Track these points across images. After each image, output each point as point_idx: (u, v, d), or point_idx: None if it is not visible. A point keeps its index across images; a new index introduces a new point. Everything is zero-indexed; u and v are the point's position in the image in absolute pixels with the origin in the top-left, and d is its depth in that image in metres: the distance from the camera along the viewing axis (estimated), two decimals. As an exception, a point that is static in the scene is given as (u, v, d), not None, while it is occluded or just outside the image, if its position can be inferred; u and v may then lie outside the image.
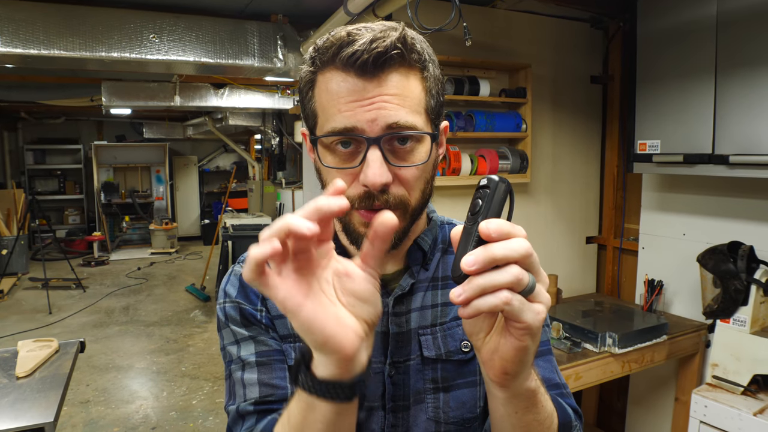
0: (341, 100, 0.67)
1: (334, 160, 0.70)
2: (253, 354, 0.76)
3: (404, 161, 0.69)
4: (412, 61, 0.69)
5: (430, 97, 0.72)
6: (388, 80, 0.67)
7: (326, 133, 0.69)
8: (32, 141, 9.51)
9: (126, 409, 3.70)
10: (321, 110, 0.70)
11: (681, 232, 2.52)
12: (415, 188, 0.71)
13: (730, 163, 1.98)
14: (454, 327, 0.79)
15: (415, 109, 0.69)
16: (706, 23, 2.05)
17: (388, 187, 0.68)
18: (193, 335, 5.13)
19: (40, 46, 2.56)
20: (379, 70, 0.66)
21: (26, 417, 1.55)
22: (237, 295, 0.80)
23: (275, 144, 7.79)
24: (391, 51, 0.65)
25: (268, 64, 3.00)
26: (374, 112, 0.66)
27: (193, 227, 10.51)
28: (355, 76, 0.66)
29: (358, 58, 0.65)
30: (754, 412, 1.85)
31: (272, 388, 0.74)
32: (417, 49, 0.69)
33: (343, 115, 0.67)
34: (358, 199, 0.69)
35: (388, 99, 0.67)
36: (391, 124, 0.66)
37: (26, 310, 5.85)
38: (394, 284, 0.80)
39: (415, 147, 0.70)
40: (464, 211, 0.55)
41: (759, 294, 2.01)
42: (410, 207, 0.72)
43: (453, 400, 0.77)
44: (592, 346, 2.08)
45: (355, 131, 0.67)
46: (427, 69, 0.71)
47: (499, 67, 2.52)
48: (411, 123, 0.68)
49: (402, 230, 0.73)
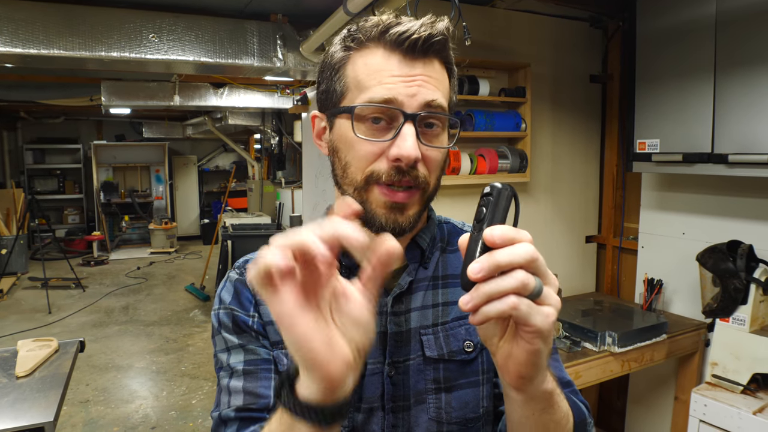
0: (383, 73, 0.69)
1: (365, 133, 0.70)
2: (242, 362, 0.76)
3: (431, 143, 0.71)
4: (448, 57, 0.74)
5: (453, 94, 0.76)
6: (430, 64, 0.71)
7: (364, 103, 0.69)
8: (32, 140, 9.50)
9: (126, 408, 3.70)
10: (355, 85, 0.71)
11: (680, 231, 2.52)
12: (435, 172, 0.73)
13: (729, 162, 1.98)
14: (456, 327, 0.79)
15: (446, 96, 0.73)
16: (705, 22, 2.05)
17: (417, 164, 0.69)
18: (192, 335, 5.13)
19: (39, 46, 2.55)
20: (424, 53, 0.69)
21: (26, 416, 1.55)
22: (231, 302, 0.80)
23: (275, 143, 7.79)
24: (438, 36, 0.69)
25: (268, 64, 3.00)
26: (415, 88, 0.68)
27: (193, 227, 10.50)
28: (401, 54, 0.69)
29: (408, 37, 0.68)
30: (753, 410, 1.86)
31: (255, 396, 0.74)
32: (450, 47, 0.74)
33: (385, 87, 0.68)
34: (386, 174, 0.69)
35: (428, 80, 0.70)
36: (429, 101, 0.69)
37: (26, 310, 5.85)
38: (392, 283, 0.79)
39: (440, 133, 0.73)
40: (463, 211, 0.56)
41: (758, 293, 2.01)
42: (429, 189, 0.73)
43: (455, 400, 0.77)
44: (592, 345, 2.08)
45: (394, 103, 0.68)
46: (452, 70, 0.76)
47: (498, 66, 2.52)
48: (444, 106, 0.71)
49: (418, 213, 0.74)
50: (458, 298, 0.78)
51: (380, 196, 0.71)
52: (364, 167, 0.71)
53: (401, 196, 0.70)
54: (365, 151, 0.70)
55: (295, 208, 7.01)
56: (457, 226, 0.89)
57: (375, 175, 0.70)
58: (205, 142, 10.71)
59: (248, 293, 0.80)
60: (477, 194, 2.21)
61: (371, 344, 0.52)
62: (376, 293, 0.52)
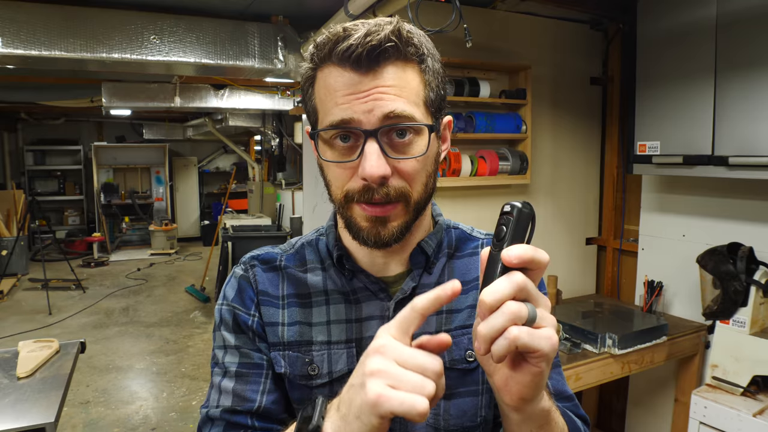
0: (338, 94, 0.67)
1: (333, 155, 0.71)
2: (235, 364, 0.78)
3: (403, 154, 0.69)
4: (409, 54, 0.69)
5: (429, 90, 0.71)
6: (384, 73, 0.67)
7: (324, 127, 0.69)
8: (32, 142, 9.50)
9: (126, 409, 3.70)
10: (320, 106, 0.71)
11: (681, 233, 2.52)
12: (417, 181, 0.71)
13: (730, 164, 1.98)
14: (459, 336, 0.78)
15: (412, 100, 0.69)
16: (705, 25, 2.06)
17: (387, 179, 0.68)
18: (192, 336, 5.13)
19: (41, 47, 2.56)
20: (374, 63, 0.66)
21: (27, 417, 1.55)
22: (233, 299, 0.81)
23: (275, 145, 7.80)
24: (386, 44, 0.65)
25: (269, 66, 3.01)
26: (370, 103, 0.66)
27: (193, 228, 10.50)
28: (351, 70, 0.67)
29: (353, 52, 0.65)
30: (753, 413, 1.86)
31: (242, 399, 0.76)
32: (414, 42, 0.69)
33: (340, 108, 0.67)
34: (357, 193, 0.69)
35: (384, 90, 0.67)
36: (387, 113, 0.66)
37: (26, 311, 5.85)
38: (395, 287, 0.79)
39: (414, 140, 0.69)
40: (464, 213, 0.55)
41: (758, 295, 2.01)
42: (412, 200, 0.71)
43: (454, 408, 0.77)
44: (592, 347, 2.08)
45: (352, 123, 0.67)
46: (425, 62, 0.71)
47: (499, 68, 2.52)
48: (409, 113, 0.68)
49: (405, 224, 0.72)
50: (463, 306, 0.80)
51: (360, 211, 0.71)
52: (342, 186, 0.71)
53: (379, 211, 0.69)
54: (339, 172, 0.70)
55: (296, 210, 7.01)
56: (465, 232, 0.87)
57: (350, 193, 0.70)
58: (206, 144, 10.71)
59: (251, 291, 0.80)
60: (477, 196, 2.24)
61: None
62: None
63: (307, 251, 0.85)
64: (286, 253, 0.85)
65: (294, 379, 0.77)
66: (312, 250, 0.84)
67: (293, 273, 0.82)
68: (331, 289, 0.80)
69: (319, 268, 0.82)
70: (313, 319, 0.79)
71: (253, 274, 0.82)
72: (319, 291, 0.80)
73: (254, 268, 0.83)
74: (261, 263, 0.83)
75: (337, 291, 0.79)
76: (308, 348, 0.78)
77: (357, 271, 0.79)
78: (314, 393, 0.76)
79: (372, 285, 0.78)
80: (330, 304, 0.79)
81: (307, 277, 0.81)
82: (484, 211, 2.55)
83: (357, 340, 0.77)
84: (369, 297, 0.78)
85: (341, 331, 0.78)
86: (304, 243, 0.86)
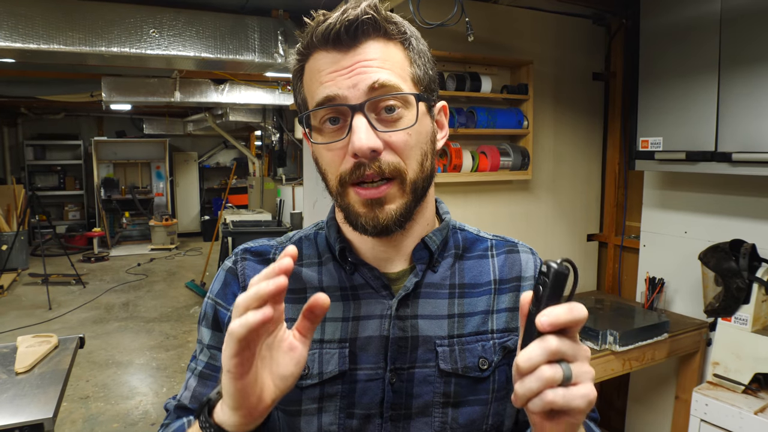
0: (322, 73, 0.67)
1: (323, 139, 0.69)
2: (204, 363, 0.78)
3: (393, 128, 0.68)
4: (390, 31, 0.68)
5: (416, 68, 0.71)
6: (365, 47, 0.67)
7: (311, 109, 0.68)
8: (32, 136, 9.49)
9: (126, 404, 3.70)
10: (308, 93, 0.70)
11: (682, 230, 2.51)
12: (410, 157, 0.69)
13: (733, 160, 1.97)
14: (472, 342, 0.75)
15: (398, 73, 0.68)
16: (709, 20, 2.04)
17: (379, 153, 0.66)
18: (192, 331, 5.13)
19: (39, 41, 2.54)
20: (354, 39, 0.66)
21: (25, 412, 1.54)
22: (217, 293, 0.79)
23: (275, 140, 7.78)
24: (363, 17, 0.65)
25: (269, 60, 2.99)
26: (354, 77, 0.66)
27: (193, 223, 10.50)
28: (334, 50, 0.67)
29: (332, 30, 0.65)
30: (755, 410, 1.85)
31: (197, 401, 0.77)
32: (395, 21, 0.69)
33: (324, 86, 0.67)
34: (349, 173, 0.67)
35: (367, 63, 0.66)
36: (371, 84, 0.65)
37: (26, 306, 5.85)
38: (398, 285, 0.76)
39: (403, 114, 0.68)
40: (465, 209, 0.54)
41: (761, 292, 2.00)
42: (407, 177, 0.69)
43: (462, 417, 0.74)
44: (593, 343, 2.07)
45: (337, 100, 0.66)
46: (408, 41, 0.70)
47: (500, 63, 2.51)
48: (394, 83, 0.67)
49: (404, 206, 0.69)
50: (476, 310, 0.78)
51: (355, 195, 0.69)
52: (336, 171, 0.69)
53: (373, 192, 0.67)
54: (331, 156, 0.69)
55: (296, 205, 7.01)
56: (473, 233, 0.85)
57: (344, 175, 0.68)
58: (206, 139, 10.70)
59: (235, 286, 0.78)
60: (478, 191, 2.22)
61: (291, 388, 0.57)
62: (309, 340, 0.57)
63: (304, 245, 0.82)
64: (282, 245, 0.82)
65: None
66: (310, 244, 0.82)
67: None
68: (328, 284, 0.77)
69: (316, 263, 0.79)
70: None
71: (242, 267, 0.79)
72: (315, 287, 0.77)
73: (245, 260, 0.80)
74: (253, 255, 0.80)
75: (334, 287, 0.76)
76: None
77: (360, 264, 0.76)
78: (303, 394, 0.73)
79: (374, 281, 0.75)
80: None
81: (303, 272, 0.78)
82: (484, 207, 2.54)
83: (351, 340, 0.74)
84: (370, 294, 0.75)
85: (335, 329, 0.74)
86: (301, 237, 0.83)
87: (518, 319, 0.78)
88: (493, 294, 0.79)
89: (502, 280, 0.80)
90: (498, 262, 0.81)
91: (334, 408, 0.72)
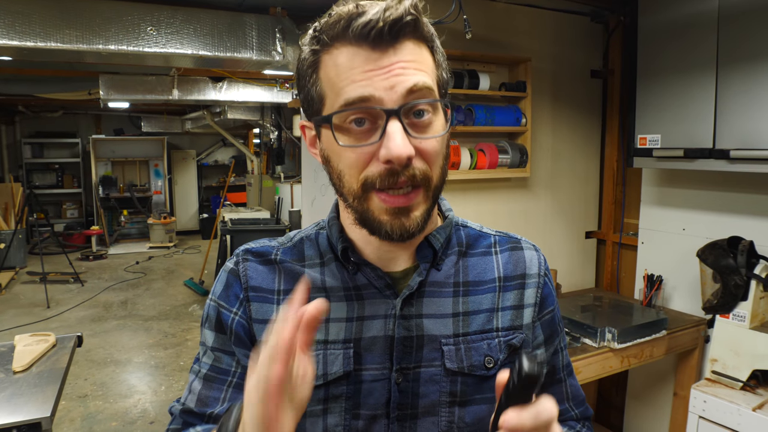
0: (355, 71, 0.63)
1: (348, 140, 0.65)
2: (208, 366, 0.78)
3: (424, 134, 0.65)
4: (425, 35, 0.66)
5: (442, 70, 0.69)
6: (404, 48, 0.63)
7: (340, 108, 0.64)
8: (30, 135, 9.47)
9: (124, 403, 3.70)
10: (330, 89, 0.65)
11: (681, 227, 2.51)
12: (436, 164, 0.67)
13: (731, 157, 1.97)
14: (478, 341, 0.75)
15: (430, 76, 0.66)
16: (707, 17, 2.04)
17: (412, 161, 0.64)
18: (191, 329, 5.12)
19: (36, 39, 2.53)
20: (394, 38, 0.63)
21: (23, 412, 1.54)
22: (220, 295, 0.79)
23: (274, 138, 7.77)
24: (407, 17, 0.62)
25: (267, 58, 2.98)
26: (392, 79, 0.62)
27: (192, 221, 10.49)
28: (369, 47, 0.63)
29: (373, 28, 0.61)
30: (753, 407, 1.85)
31: (203, 404, 0.76)
32: (427, 22, 0.67)
33: (358, 85, 0.62)
34: (379, 178, 0.64)
35: (405, 65, 0.63)
36: (410, 87, 0.63)
37: (24, 304, 5.84)
38: (402, 284, 0.76)
39: (433, 119, 0.66)
40: (463, 206, 0.53)
41: (759, 289, 2.00)
42: (432, 184, 0.68)
43: (468, 416, 0.74)
44: (592, 341, 2.08)
45: (372, 101, 0.62)
46: (434, 43, 0.69)
47: (498, 60, 2.50)
48: (430, 85, 0.65)
49: (426, 212, 0.68)
50: (481, 308, 0.77)
51: (380, 203, 0.66)
52: (358, 174, 0.66)
53: (402, 201, 0.65)
54: (354, 158, 0.65)
55: (294, 203, 7.00)
56: (476, 230, 0.84)
57: (370, 180, 0.65)
58: (204, 137, 10.68)
59: (237, 287, 0.77)
60: (477, 189, 2.21)
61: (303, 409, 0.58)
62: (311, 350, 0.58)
63: (306, 245, 0.80)
64: (284, 246, 0.81)
65: None
66: (311, 245, 0.80)
67: (290, 267, 0.78)
68: (331, 285, 0.76)
69: (318, 263, 0.78)
70: None
71: (244, 268, 0.78)
72: (318, 287, 0.76)
73: (246, 261, 0.79)
74: (255, 256, 0.79)
75: (337, 287, 0.75)
76: None
77: (363, 264, 0.75)
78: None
79: (378, 281, 0.74)
80: (330, 302, 0.74)
81: (306, 273, 0.77)
82: (483, 205, 2.54)
83: (356, 341, 0.73)
84: (374, 294, 0.74)
85: (339, 330, 0.74)
86: (303, 237, 0.82)
87: (523, 317, 0.79)
88: (497, 291, 0.78)
89: (507, 278, 0.79)
90: (502, 259, 0.81)
91: (339, 409, 0.72)
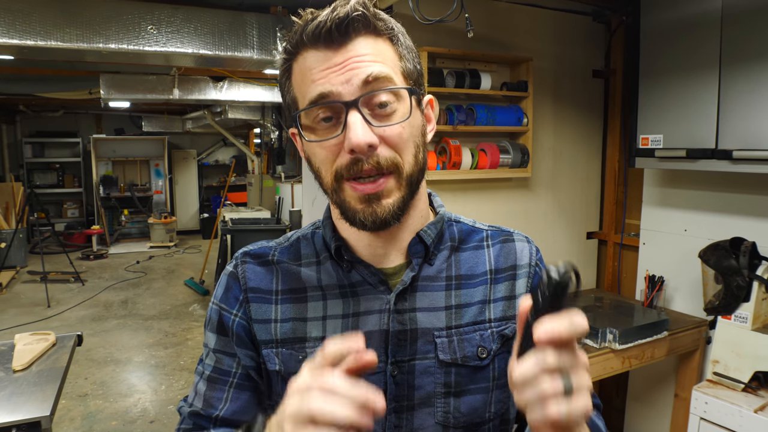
0: (314, 71, 0.67)
1: (316, 137, 0.70)
2: (211, 367, 0.80)
3: (387, 122, 0.68)
4: (379, 28, 0.69)
5: (406, 62, 0.72)
6: (356, 44, 0.67)
7: (304, 107, 0.68)
8: (31, 134, 9.47)
9: (124, 402, 3.69)
10: (299, 92, 0.70)
11: (682, 227, 2.51)
12: (405, 150, 0.70)
13: (734, 158, 1.96)
14: (470, 332, 0.77)
15: (389, 66, 0.69)
16: (710, 17, 2.03)
17: (375, 148, 0.67)
18: (191, 329, 5.12)
19: (36, 37, 2.53)
20: (345, 36, 0.66)
21: (23, 410, 1.54)
22: (221, 298, 0.81)
23: (274, 138, 7.76)
24: (353, 14, 0.66)
25: (268, 57, 2.98)
26: (347, 73, 0.66)
27: (192, 221, 10.49)
28: (324, 48, 0.67)
29: (323, 28, 0.66)
30: (754, 409, 1.85)
31: (208, 405, 0.78)
32: (383, 18, 0.70)
33: (318, 83, 0.67)
34: (346, 168, 0.68)
35: (359, 59, 0.67)
36: (365, 78, 0.66)
37: (25, 304, 5.84)
38: (395, 279, 0.77)
39: (396, 107, 0.69)
40: (465, 206, 0.53)
41: (761, 290, 2.00)
42: (404, 171, 0.70)
43: (464, 406, 0.75)
44: (593, 341, 2.07)
45: (331, 97, 0.66)
46: (396, 37, 0.71)
47: (500, 60, 2.50)
48: (387, 74, 0.67)
49: (401, 200, 0.70)
50: (473, 300, 0.78)
51: (351, 191, 0.69)
52: (330, 167, 0.70)
53: (370, 188, 0.68)
54: (325, 153, 0.69)
55: (295, 203, 6.99)
56: (468, 225, 0.86)
57: (339, 171, 0.69)
58: (205, 137, 10.68)
59: (237, 289, 0.80)
60: (478, 189, 2.20)
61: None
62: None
63: (302, 245, 0.83)
64: (281, 246, 0.83)
65: (288, 377, 0.75)
66: (307, 244, 0.83)
67: (287, 267, 0.80)
68: (327, 283, 0.78)
69: (315, 262, 0.80)
70: (308, 315, 0.77)
71: (243, 270, 0.81)
72: (315, 285, 0.78)
73: (245, 264, 0.81)
74: (253, 258, 0.82)
75: (333, 285, 0.78)
76: (302, 345, 0.76)
77: (356, 262, 0.77)
78: None
79: (371, 277, 0.76)
80: (327, 299, 0.77)
81: (302, 271, 0.80)
82: (484, 205, 2.53)
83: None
84: (368, 290, 0.76)
85: (337, 326, 0.76)
86: (299, 236, 0.85)
87: (515, 308, 0.80)
88: (489, 284, 0.80)
89: (498, 270, 0.81)
90: (493, 252, 0.82)
91: None
